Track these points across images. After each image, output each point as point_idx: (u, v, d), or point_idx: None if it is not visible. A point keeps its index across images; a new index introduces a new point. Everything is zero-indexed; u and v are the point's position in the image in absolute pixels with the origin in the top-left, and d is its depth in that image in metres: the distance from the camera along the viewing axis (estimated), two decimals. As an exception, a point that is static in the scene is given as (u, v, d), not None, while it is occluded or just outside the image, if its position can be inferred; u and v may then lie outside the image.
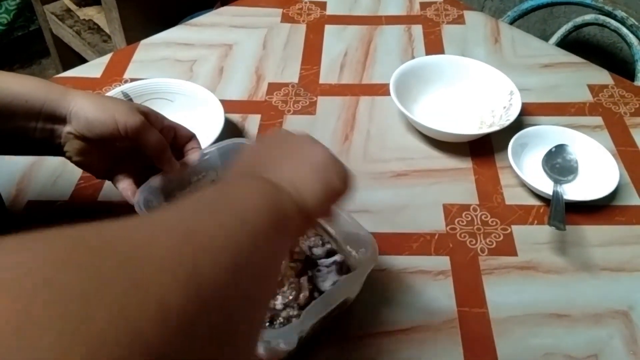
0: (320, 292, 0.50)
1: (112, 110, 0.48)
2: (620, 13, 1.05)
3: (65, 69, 0.83)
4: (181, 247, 0.23)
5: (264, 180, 0.36)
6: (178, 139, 0.55)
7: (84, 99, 0.49)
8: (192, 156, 0.55)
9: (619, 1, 1.08)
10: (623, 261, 0.59)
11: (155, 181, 0.53)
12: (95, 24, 1.60)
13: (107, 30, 1.51)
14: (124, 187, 0.53)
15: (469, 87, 0.77)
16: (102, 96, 0.60)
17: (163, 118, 0.53)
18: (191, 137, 0.56)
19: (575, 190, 0.65)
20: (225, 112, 0.69)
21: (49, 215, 0.61)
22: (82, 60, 1.59)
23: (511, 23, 1.15)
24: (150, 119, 0.51)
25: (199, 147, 0.56)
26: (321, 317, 0.46)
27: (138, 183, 0.53)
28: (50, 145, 0.50)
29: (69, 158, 0.51)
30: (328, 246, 0.54)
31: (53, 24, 1.67)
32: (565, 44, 1.10)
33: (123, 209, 0.53)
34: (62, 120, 0.49)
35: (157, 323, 0.18)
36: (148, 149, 0.50)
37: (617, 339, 0.52)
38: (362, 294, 0.53)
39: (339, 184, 0.40)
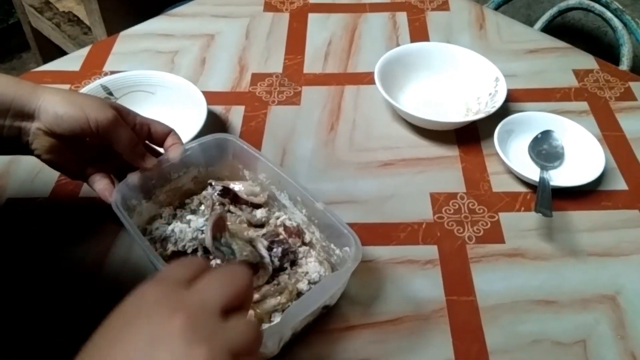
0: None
1: (82, 105, 0.47)
2: (604, -3, 1.04)
3: (46, 62, 0.82)
4: None
5: None
6: (154, 135, 0.53)
7: (53, 94, 0.47)
8: (173, 152, 0.53)
9: (603, -15, 1.08)
10: (610, 246, 0.59)
11: (133, 179, 0.52)
12: (75, 15, 1.57)
13: (87, 22, 1.49)
14: (101, 188, 0.51)
15: (455, 74, 0.77)
16: (73, 92, 0.58)
17: (136, 114, 0.52)
18: (169, 132, 0.54)
19: (562, 176, 0.65)
20: (208, 103, 0.68)
21: (29, 213, 0.60)
22: (63, 53, 1.56)
23: (496, 9, 1.15)
24: (122, 115, 0.50)
25: (180, 142, 0.54)
26: (302, 318, 0.45)
27: (116, 183, 0.52)
28: (18, 144, 0.48)
29: (38, 156, 0.49)
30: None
31: (32, 17, 1.63)
32: (550, 29, 1.10)
33: (104, 206, 0.52)
34: (31, 116, 0.47)
35: None
36: (119, 145, 0.49)
37: (604, 323, 0.52)
38: (348, 286, 0.52)
39: None
